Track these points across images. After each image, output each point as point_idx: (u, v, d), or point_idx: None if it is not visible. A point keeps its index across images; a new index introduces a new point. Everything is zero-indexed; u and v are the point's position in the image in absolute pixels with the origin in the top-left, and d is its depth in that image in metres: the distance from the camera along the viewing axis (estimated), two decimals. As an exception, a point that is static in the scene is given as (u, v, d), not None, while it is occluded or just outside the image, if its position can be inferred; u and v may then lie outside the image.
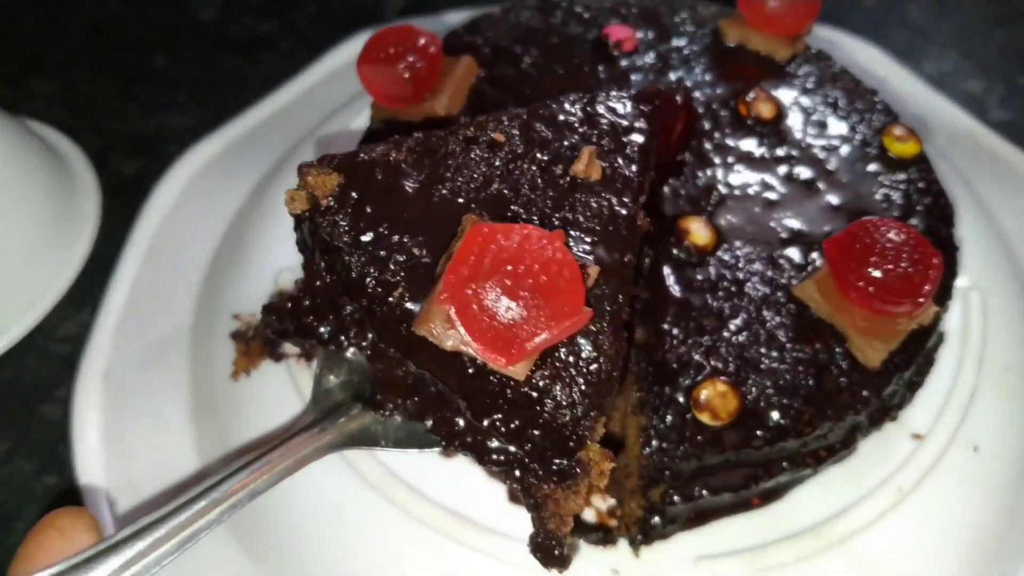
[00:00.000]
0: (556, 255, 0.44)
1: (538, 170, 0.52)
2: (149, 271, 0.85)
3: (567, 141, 0.53)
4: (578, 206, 0.51)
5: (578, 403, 0.46)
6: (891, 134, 0.69)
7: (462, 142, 0.53)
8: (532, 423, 0.46)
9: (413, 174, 0.51)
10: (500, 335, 0.43)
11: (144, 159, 1.00)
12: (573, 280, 0.44)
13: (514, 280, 0.43)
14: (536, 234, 0.44)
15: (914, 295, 0.55)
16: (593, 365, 0.47)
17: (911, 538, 0.63)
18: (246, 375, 0.71)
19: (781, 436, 0.56)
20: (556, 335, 0.43)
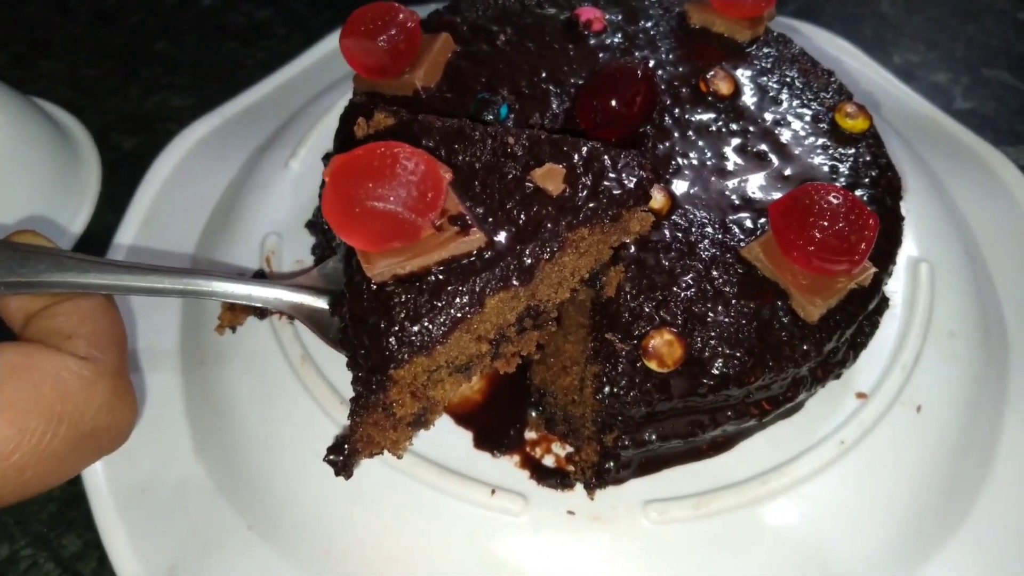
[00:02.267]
0: (417, 163, 0.51)
1: (519, 170, 0.60)
2: (145, 238, 0.89)
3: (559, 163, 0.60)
4: (522, 204, 0.58)
5: (405, 329, 0.54)
6: (842, 111, 0.73)
7: (485, 133, 0.62)
8: (363, 324, 0.55)
9: (435, 137, 0.61)
10: (340, 200, 0.51)
11: (144, 136, 1.04)
12: (422, 187, 0.51)
13: (373, 166, 0.50)
14: (413, 150, 0.51)
15: (850, 254, 0.59)
16: (433, 309, 0.54)
17: (853, 489, 0.67)
18: (231, 331, 0.75)
19: (724, 384, 0.60)
20: (376, 212, 0.50)
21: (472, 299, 0.55)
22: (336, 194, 0.51)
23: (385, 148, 0.51)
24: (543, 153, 0.61)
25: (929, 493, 0.69)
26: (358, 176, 0.50)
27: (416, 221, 0.51)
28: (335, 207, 0.51)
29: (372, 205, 0.50)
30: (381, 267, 0.54)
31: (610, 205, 0.59)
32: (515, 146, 0.61)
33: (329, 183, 0.51)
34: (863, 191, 0.69)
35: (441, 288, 0.55)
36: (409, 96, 0.73)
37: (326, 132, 0.88)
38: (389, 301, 0.55)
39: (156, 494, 0.72)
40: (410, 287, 0.55)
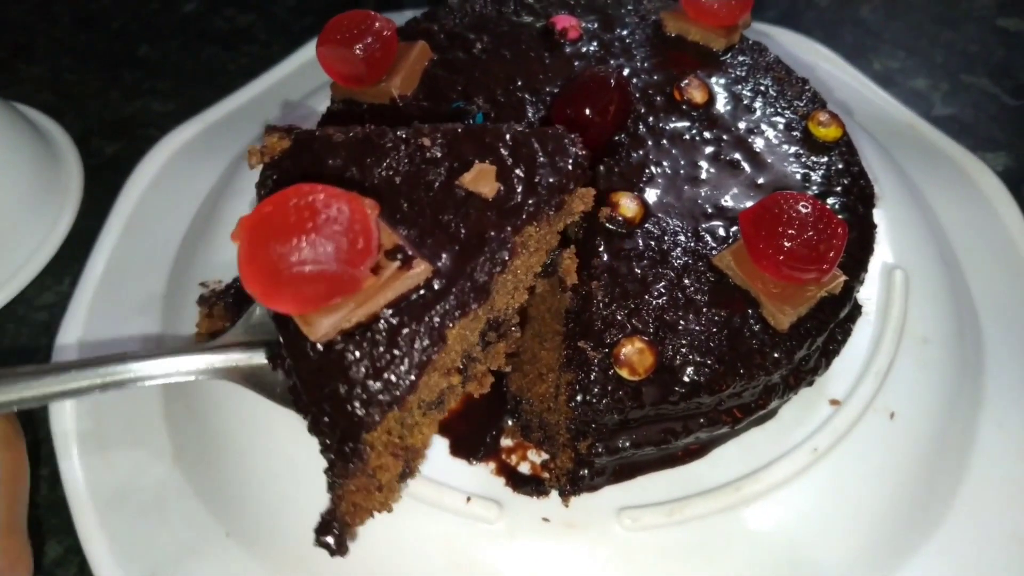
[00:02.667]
0: (342, 209, 0.46)
1: (445, 176, 0.56)
2: (126, 245, 0.89)
3: (478, 161, 0.57)
4: (458, 215, 0.54)
5: (370, 386, 0.50)
6: (815, 119, 0.73)
7: (397, 139, 0.58)
8: (322, 392, 0.50)
9: (342, 154, 0.57)
10: (260, 268, 0.45)
11: (125, 141, 1.05)
12: (354, 232, 0.46)
13: (291, 220, 0.45)
14: (345, 194, 0.47)
15: (819, 262, 0.60)
16: (403, 364, 0.51)
17: (827, 495, 0.68)
18: (210, 338, 0.75)
19: (695, 392, 0.60)
20: (308, 275, 0.45)
21: (433, 336, 0.51)
22: (254, 262, 0.45)
23: (297, 198, 0.45)
24: (466, 151, 0.56)
25: (903, 499, 0.70)
26: (275, 237, 0.44)
27: (353, 273, 0.47)
28: (256, 277, 0.46)
29: (299, 270, 0.44)
30: (324, 327, 0.49)
31: (551, 195, 0.55)
32: (432, 148, 0.57)
33: (243, 249, 0.46)
34: (835, 199, 0.70)
35: (396, 333, 0.51)
36: (386, 104, 0.74)
37: (306, 139, 0.88)
38: (342, 361, 0.50)
39: (135, 500, 0.72)
40: (361, 339, 0.50)
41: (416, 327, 0.51)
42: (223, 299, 0.75)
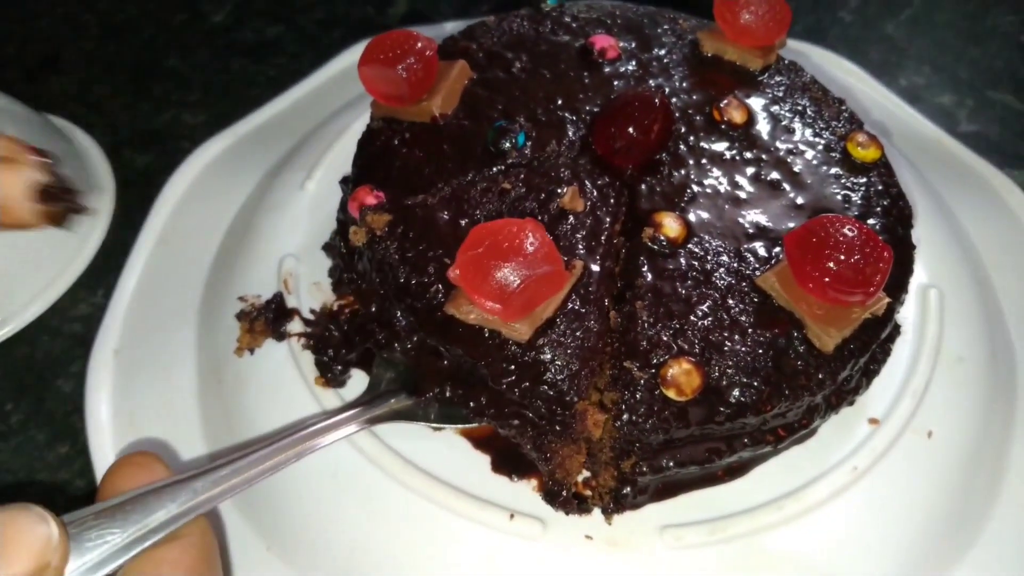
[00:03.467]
0: (527, 233, 0.56)
1: (537, 206, 0.67)
2: (160, 257, 0.90)
3: (557, 188, 0.68)
4: (567, 228, 0.66)
5: (572, 363, 0.60)
6: (854, 140, 0.74)
7: (480, 192, 0.68)
8: (537, 380, 0.59)
9: (444, 212, 0.67)
10: (495, 288, 0.56)
11: (155, 153, 1.05)
12: (542, 245, 0.57)
13: (496, 251, 0.56)
14: (516, 222, 0.57)
15: (865, 285, 0.60)
16: (581, 333, 0.61)
17: (866, 515, 0.68)
18: (250, 353, 0.75)
19: (741, 412, 0.61)
20: (531, 281, 0.56)
21: (600, 312, 0.63)
22: (485, 289, 0.56)
23: (490, 234, 0.56)
24: (539, 183, 0.69)
25: (940, 518, 0.70)
26: (496, 265, 0.55)
27: (559, 270, 0.59)
28: (493, 297, 0.56)
29: (527, 280, 0.56)
30: (526, 328, 0.59)
31: (618, 200, 0.70)
32: (514, 188, 0.69)
33: (470, 284, 0.57)
34: (875, 220, 0.70)
35: (576, 318, 0.61)
36: (427, 123, 0.74)
37: (343, 154, 0.88)
38: (541, 353, 0.60)
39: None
40: (551, 331, 0.60)
41: (589, 308, 0.62)
42: (264, 315, 0.75)
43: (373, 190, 0.70)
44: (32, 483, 0.78)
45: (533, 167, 0.71)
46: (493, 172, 0.70)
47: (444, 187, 0.70)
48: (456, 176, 0.71)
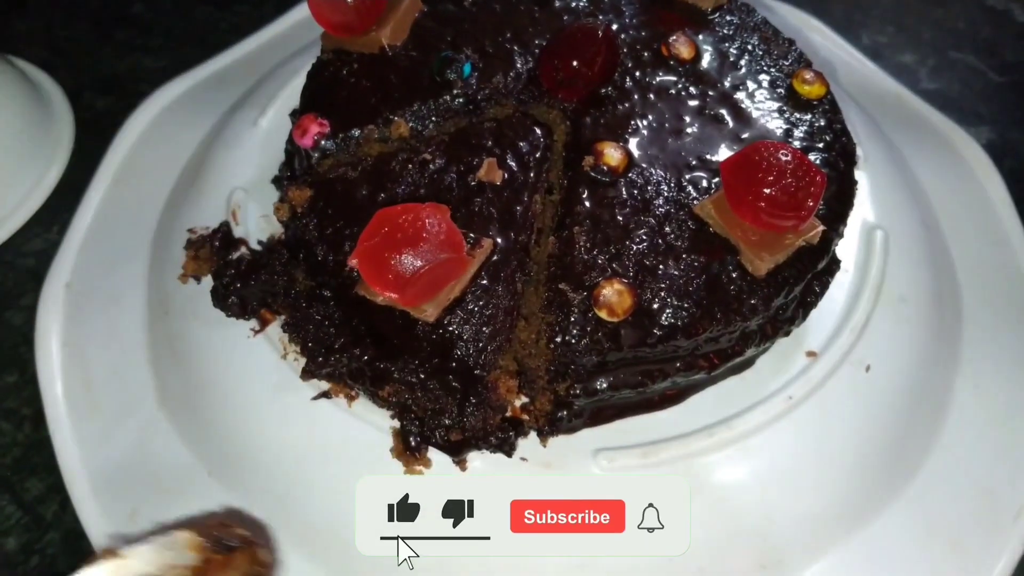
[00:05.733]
0: (427, 220, 0.57)
1: (455, 178, 0.67)
2: (115, 195, 0.90)
3: (477, 159, 0.69)
4: (483, 202, 0.66)
5: (480, 339, 0.61)
6: (800, 77, 0.74)
7: (402, 163, 0.68)
8: (447, 356, 0.61)
9: (363, 186, 0.67)
10: (391, 278, 0.56)
11: (116, 96, 1.05)
12: (442, 232, 0.57)
13: (392, 241, 0.56)
14: (417, 207, 0.58)
15: (797, 209, 0.60)
16: (490, 310, 0.62)
17: (800, 445, 0.69)
18: (195, 281, 0.76)
19: (672, 335, 0.61)
20: (428, 270, 0.56)
21: (511, 288, 0.64)
22: (383, 279, 0.57)
23: (391, 220, 0.57)
24: (462, 153, 0.69)
25: (876, 452, 0.71)
26: (395, 253, 0.56)
27: (460, 257, 0.59)
28: (391, 287, 0.57)
29: (424, 268, 0.56)
30: (433, 309, 0.60)
31: (539, 168, 0.70)
32: (435, 160, 0.69)
33: (369, 273, 0.58)
34: (817, 155, 0.70)
35: (485, 295, 0.62)
36: (375, 54, 0.74)
37: (296, 91, 0.88)
38: (449, 332, 0.61)
39: (119, 440, 0.73)
40: (459, 311, 0.62)
41: (498, 285, 0.63)
42: (209, 243, 0.75)
43: (318, 117, 0.70)
44: (-21, 410, 0.79)
45: (459, 135, 0.71)
46: (416, 143, 0.71)
47: (389, 116, 0.70)
48: (402, 106, 0.71)
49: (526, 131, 0.71)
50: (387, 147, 0.71)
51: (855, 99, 0.97)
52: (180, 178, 0.90)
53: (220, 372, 0.73)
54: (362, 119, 0.71)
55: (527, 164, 0.69)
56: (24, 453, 0.76)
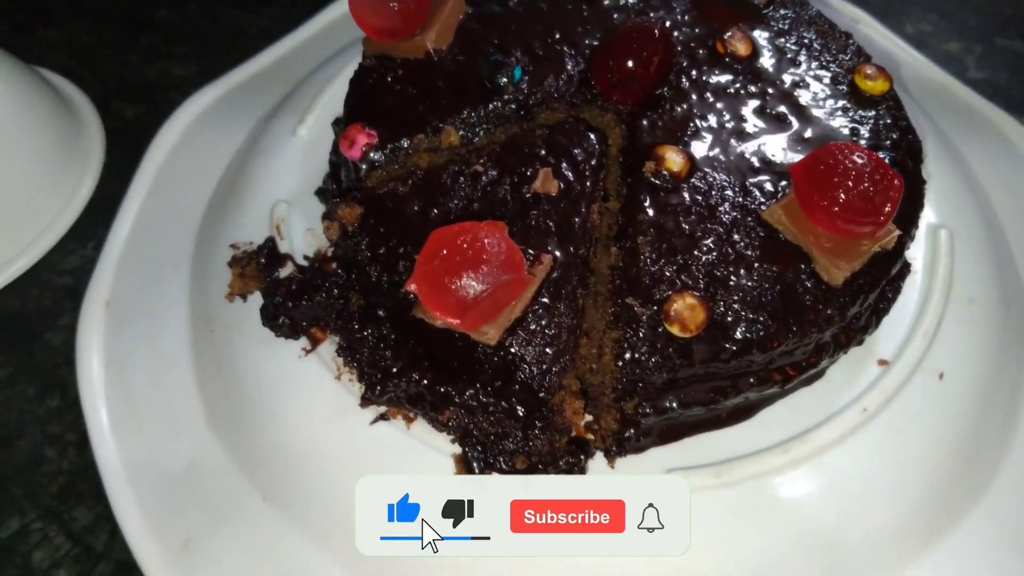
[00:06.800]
0: (486, 240, 0.54)
1: (509, 190, 0.65)
2: (151, 208, 0.87)
3: (531, 169, 0.66)
4: (539, 214, 0.63)
5: (543, 360, 0.59)
6: (862, 72, 0.71)
7: (453, 175, 0.66)
8: (509, 379, 0.59)
9: (415, 201, 0.65)
10: (452, 303, 0.54)
11: (146, 105, 1.03)
12: (502, 251, 0.54)
13: (452, 263, 0.54)
14: (475, 227, 0.55)
15: (875, 215, 0.58)
16: (552, 329, 0.60)
17: (875, 457, 0.66)
18: (242, 299, 0.73)
19: (747, 349, 0.59)
20: (490, 292, 0.54)
21: (572, 306, 0.61)
22: (445, 303, 0.54)
23: (449, 240, 0.54)
24: (513, 163, 0.66)
25: (951, 462, 0.68)
26: (455, 276, 0.53)
27: (520, 278, 0.56)
28: (453, 312, 0.55)
29: (486, 290, 0.54)
30: (495, 331, 0.58)
31: (596, 176, 0.67)
32: (488, 171, 0.66)
33: (428, 296, 0.55)
34: (884, 153, 0.68)
35: (547, 314, 0.60)
36: (420, 59, 0.72)
37: (335, 98, 0.86)
38: (511, 353, 0.59)
39: (168, 466, 0.71)
40: (521, 331, 0.59)
41: (560, 302, 0.60)
42: (256, 260, 0.73)
43: (365, 127, 0.68)
44: (22, 436, 0.77)
45: (511, 144, 0.68)
46: (466, 153, 0.68)
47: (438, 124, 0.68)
48: (451, 113, 0.69)
49: (580, 137, 0.68)
50: (437, 157, 0.69)
51: (906, 89, 0.94)
52: (218, 189, 0.87)
53: (271, 393, 0.70)
54: (410, 128, 0.68)
55: (583, 172, 0.66)
56: (70, 481, 0.74)
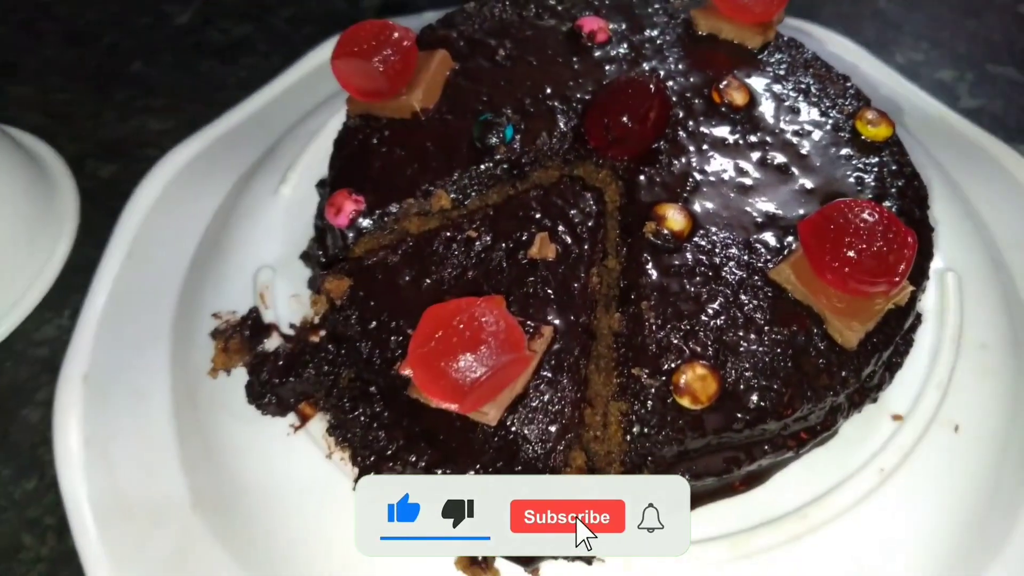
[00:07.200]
0: (483, 319, 0.51)
1: (504, 256, 0.62)
2: (129, 273, 0.83)
3: (526, 233, 0.63)
4: (537, 281, 0.61)
5: (547, 438, 0.56)
6: (863, 118, 0.69)
7: (445, 242, 0.63)
8: (513, 459, 0.56)
9: (406, 271, 0.62)
10: (450, 387, 0.51)
11: (121, 163, 1.00)
12: (501, 330, 0.51)
13: (449, 345, 0.50)
14: (471, 304, 0.52)
15: (889, 274, 0.55)
16: (556, 404, 0.57)
17: (895, 519, 0.64)
18: (226, 373, 0.70)
19: (761, 418, 0.56)
20: (489, 375, 0.50)
21: (576, 378, 0.58)
22: (442, 387, 0.52)
23: (445, 321, 0.51)
24: (508, 227, 0.64)
25: (971, 516, 0.66)
26: (453, 358, 0.50)
27: (522, 356, 0.53)
28: (451, 396, 0.52)
29: (485, 374, 0.51)
30: (495, 411, 0.55)
31: (594, 237, 0.65)
32: (481, 237, 0.63)
33: (424, 380, 0.52)
34: (891, 202, 0.66)
35: (549, 389, 0.57)
36: (407, 119, 0.69)
37: (319, 155, 0.83)
38: (512, 433, 0.56)
39: (153, 552, 0.67)
40: (523, 408, 0.56)
41: (562, 375, 0.57)
42: (239, 331, 0.70)
43: (352, 194, 0.65)
44: (-1, 522, 0.73)
45: (504, 206, 0.66)
46: (459, 219, 0.66)
47: (428, 187, 0.66)
48: (441, 176, 0.66)
49: (575, 197, 0.66)
50: (428, 221, 0.66)
51: (904, 125, 0.92)
52: (198, 252, 0.84)
53: (259, 472, 0.67)
54: (399, 192, 0.66)
55: (580, 235, 0.64)
56: (50, 569, 0.70)
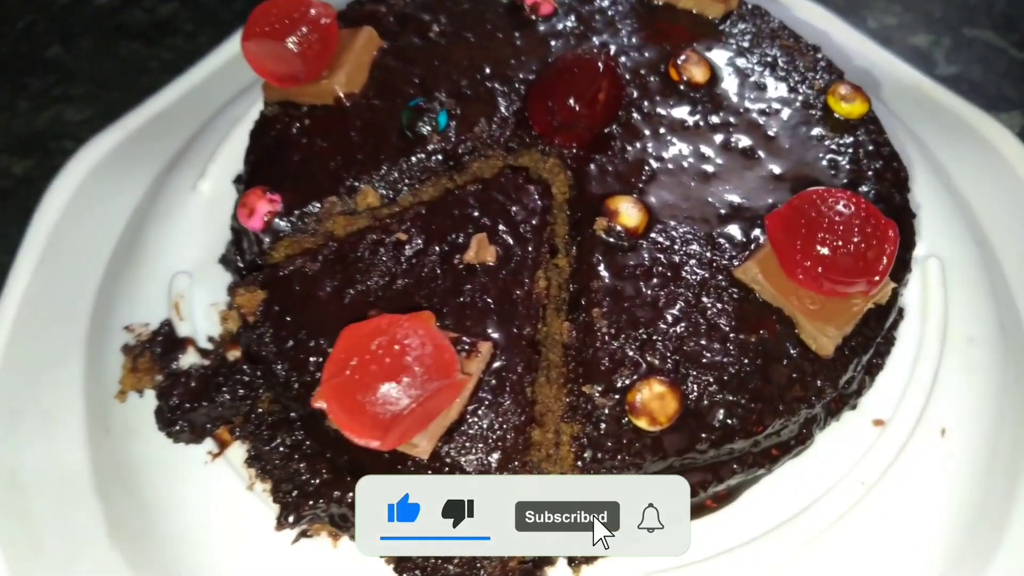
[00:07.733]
0: (407, 340, 0.45)
1: (438, 261, 0.56)
2: (41, 282, 0.77)
3: (462, 234, 0.57)
4: (475, 289, 0.55)
5: (488, 470, 0.50)
6: (836, 93, 0.63)
7: (372, 246, 0.57)
8: None
9: (327, 281, 0.56)
10: (368, 423, 0.44)
11: (37, 157, 0.93)
12: (428, 353, 0.45)
13: (367, 373, 0.44)
14: (393, 322, 0.46)
15: (868, 273, 0.50)
16: (498, 428, 0.51)
17: (879, 537, 0.59)
18: (138, 395, 0.63)
19: (728, 437, 0.51)
20: (415, 406, 0.44)
21: (520, 400, 0.52)
22: (359, 422, 0.45)
23: (361, 346, 0.45)
24: (442, 228, 0.58)
25: (960, 527, 0.61)
26: (371, 390, 0.44)
27: (452, 382, 0.47)
28: (370, 433, 0.45)
29: (408, 406, 0.44)
30: (427, 442, 0.49)
31: (538, 236, 0.58)
32: (412, 240, 0.57)
33: (339, 416, 0.45)
34: (868, 186, 0.60)
35: (490, 412, 0.51)
36: (330, 105, 0.62)
37: (239, 144, 0.75)
38: (447, 464, 0.51)
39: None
40: (459, 436, 0.51)
41: (502, 398, 0.51)
42: (150, 348, 0.63)
43: (267, 192, 0.58)
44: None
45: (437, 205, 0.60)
46: (387, 219, 0.59)
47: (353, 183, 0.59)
48: (368, 169, 0.59)
49: (518, 192, 0.59)
50: (354, 221, 0.59)
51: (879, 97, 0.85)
52: (113, 257, 0.77)
53: (175, 503, 0.61)
54: (321, 189, 0.59)
55: (523, 235, 0.57)
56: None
